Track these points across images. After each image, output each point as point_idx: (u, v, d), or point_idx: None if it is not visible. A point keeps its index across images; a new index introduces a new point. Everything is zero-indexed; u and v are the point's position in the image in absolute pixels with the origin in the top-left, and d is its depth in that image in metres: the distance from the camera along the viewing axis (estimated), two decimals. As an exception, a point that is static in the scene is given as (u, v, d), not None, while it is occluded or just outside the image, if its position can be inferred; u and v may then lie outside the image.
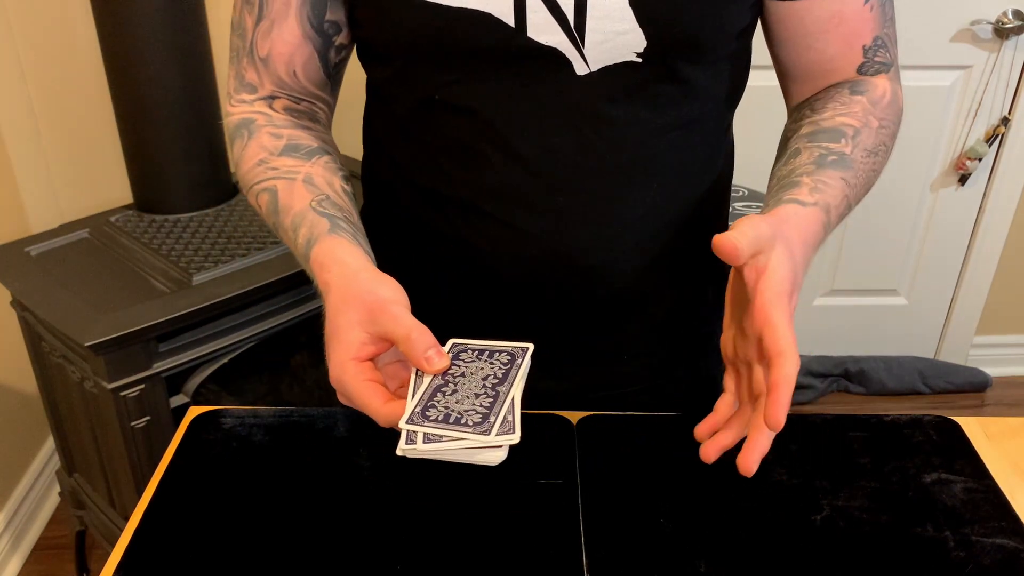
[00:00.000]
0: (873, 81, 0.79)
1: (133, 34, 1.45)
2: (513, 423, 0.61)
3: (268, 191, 0.75)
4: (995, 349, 2.45)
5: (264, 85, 0.80)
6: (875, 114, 0.77)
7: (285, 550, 0.68)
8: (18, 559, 1.83)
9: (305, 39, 0.78)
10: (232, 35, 0.81)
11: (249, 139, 0.79)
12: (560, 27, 0.70)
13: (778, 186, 0.72)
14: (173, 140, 1.55)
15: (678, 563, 0.67)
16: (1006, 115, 2.10)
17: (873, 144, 0.76)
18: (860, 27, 0.77)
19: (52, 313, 1.35)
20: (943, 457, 0.78)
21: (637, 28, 0.70)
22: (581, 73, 0.72)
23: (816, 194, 0.69)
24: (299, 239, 0.72)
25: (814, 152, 0.73)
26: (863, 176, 0.75)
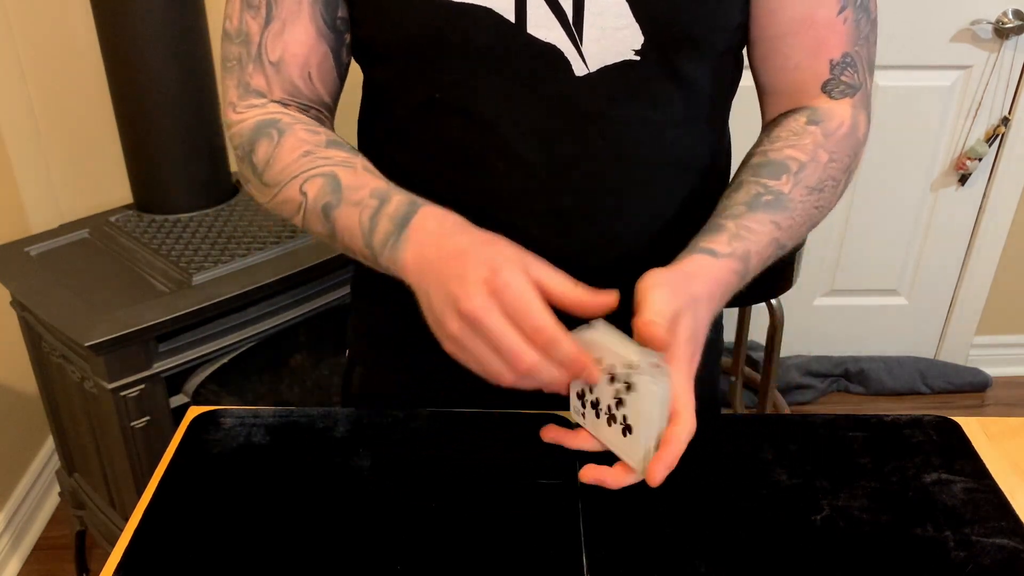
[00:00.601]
0: (832, 110, 0.78)
1: (133, 34, 1.45)
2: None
3: (324, 176, 0.71)
4: (995, 349, 2.45)
5: (273, 92, 0.77)
6: (826, 147, 0.76)
7: (285, 550, 0.68)
8: (18, 559, 1.83)
9: (320, 38, 0.76)
10: (227, 44, 0.78)
11: (281, 137, 0.74)
12: (559, 23, 0.70)
13: (705, 226, 0.72)
14: (173, 140, 1.55)
15: (678, 563, 0.67)
16: (1006, 115, 2.10)
17: (817, 180, 0.75)
18: (829, 37, 0.76)
19: (52, 313, 1.35)
20: (943, 457, 0.78)
21: (634, 24, 0.70)
22: (580, 73, 0.72)
23: (735, 242, 0.69)
24: (391, 204, 0.68)
25: (751, 189, 0.73)
26: (800, 215, 0.74)
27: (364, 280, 0.94)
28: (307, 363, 1.65)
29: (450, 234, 0.65)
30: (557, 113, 0.73)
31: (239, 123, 0.78)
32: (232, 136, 0.79)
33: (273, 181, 0.75)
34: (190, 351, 1.41)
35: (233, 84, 0.78)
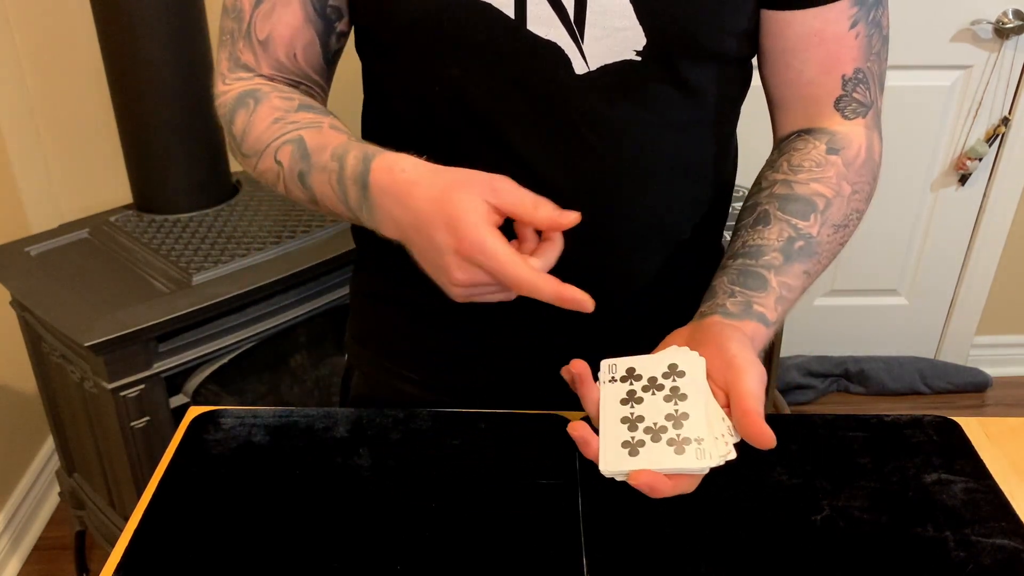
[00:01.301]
0: (849, 135, 0.77)
1: (133, 34, 1.45)
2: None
3: (292, 142, 0.72)
4: (995, 349, 2.44)
5: (261, 67, 0.78)
6: (848, 178, 0.76)
7: (285, 550, 0.68)
8: (18, 559, 1.83)
9: (307, 23, 0.77)
10: (224, 18, 0.79)
11: (256, 105, 0.76)
12: (560, 20, 0.70)
13: (745, 269, 0.71)
14: (173, 140, 1.55)
15: (678, 564, 0.67)
16: (1006, 115, 2.10)
17: (842, 217, 0.75)
18: (840, 52, 0.75)
19: (52, 313, 1.35)
20: (943, 457, 0.78)
21: (637, 25, 0.70)
22: (580, 72, 0.72)
23: (780, 306, 0.70)
24: (347, 162, 0.68)
25: (784, 231, 0.73)
26: (826, 257, 0.75)
27: (362, 282, 0.94)
28: (307, 363, 1.65)
29: (406, 193, 0.64)
30: (555, 111, 0.73)
31: (225, 94, 0.79)
32: (218, 107, 0.80)
33: (251, 151, 0.75)
34: (190, 351, 1.41)
35: (225, 56, 0.80)
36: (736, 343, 0.63)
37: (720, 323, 0.67)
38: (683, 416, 0.61)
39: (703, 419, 0.60)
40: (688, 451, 0.59)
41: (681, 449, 0.59)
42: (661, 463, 0.59)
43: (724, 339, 0.64)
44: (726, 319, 0.67)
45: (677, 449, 0.59)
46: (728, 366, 0.62)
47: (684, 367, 0.64)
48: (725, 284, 0.71)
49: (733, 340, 0.64)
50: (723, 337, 0.64)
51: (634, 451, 0.60)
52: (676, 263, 0.83)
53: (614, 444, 0.61)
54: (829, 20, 0.74)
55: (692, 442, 0.59)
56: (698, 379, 0.63)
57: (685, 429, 0.60)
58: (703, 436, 0.60)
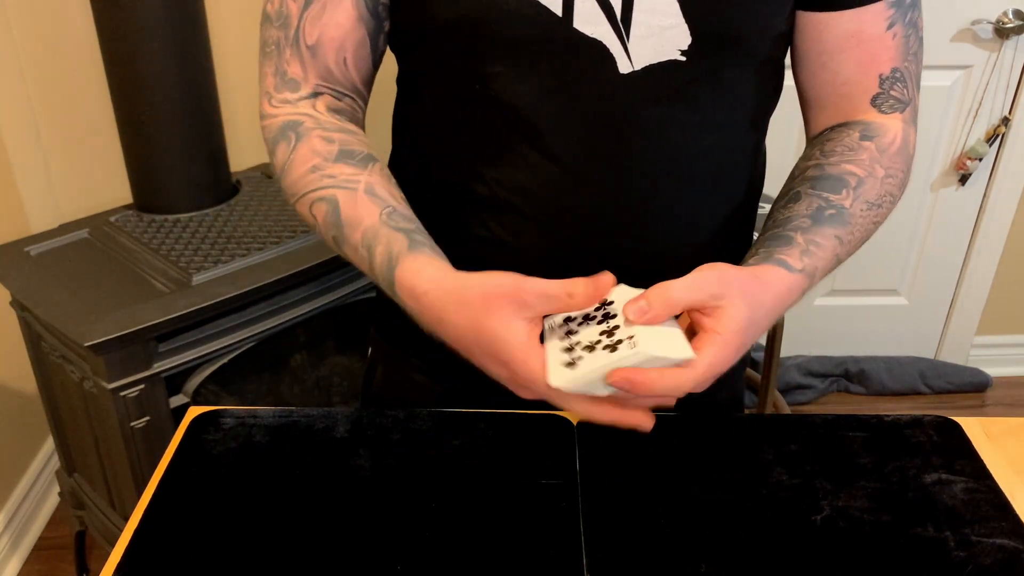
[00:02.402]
0: (885, 124, 0.78)
1: (133, 34, 1.45)
2: None
3: (327, 201, 0.72)
4: (995, 349, 2.44)
5: (309, 79, 0.78)
6: (882, 162, 0.76)
7: (285, 550, 0.68)
8: (18, 559, 1.83)
9: (359, 22, 0.76)
10: (267, 28, 0.78)
11: (297, 142, 0.75)
12: (607, 18, 0.70)
13: (772, 235, 0.72)
14: (173, 140, 1.55)
15: (678, 563, 0.67)
16: (1006, 115, 2.10)
17: (876, 196, 0.75)
18: (878, 52, 0.75)
19: (52, 313, 1.35)
20: (943, 457, 0.78)
21: (683, 23, 0.70)
22: (624, 71, 0.71)
23: (806, 258, 0.69)
24: (376, 259, 0.69)
25: (813, 202, 0.73)
26: (860, 230, 0.74)
27: None
28: (307, 363, 1.65)
29: (438, 319, 0.66)
30: (597, 110, 0.73)
31: (270, 118, 0.79)
32: (263, 129, 0.80)
33: (288, 191, 0.76)
34: (190, 351, 1.41)
35: (271, 71, 0.79)
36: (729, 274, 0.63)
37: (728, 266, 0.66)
38: (615, 328, 0.62)
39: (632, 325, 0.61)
40: (621, 348, 0.60)
41: (614, 348, 0.60)
42: (598, 362, 0.60)
43: (716, 276, 0.64)
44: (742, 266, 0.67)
45: (611, 350, 0.60)
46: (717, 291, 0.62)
47: (615, 298, 0.64)
48: (751, 252, 0.71)
49: (728, 273, 0.63)
50: (719, 277, 0.64)
51: (574, 364, 0.61)
52: (705, 261, 0.83)
53: (558, 364, 0.62)
54: (866, 21, 0.74)
55: (624, 340, 0.60)
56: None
57: (617, 334, 0.61)
58: (634, 333, 0.60)
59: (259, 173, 1.80)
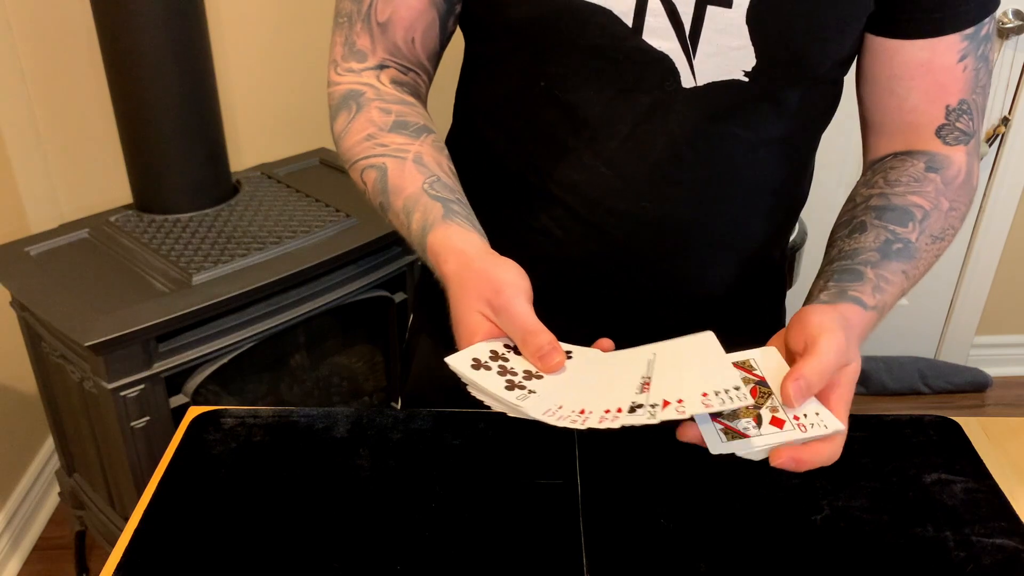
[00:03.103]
0: (950, 157, 0.77)
1: (133, 34, 1.45)
2: None
3: (377, 168, 0.75)
4: (995, 349, 2.44)
5: (376, 52, 0.79)
6: (947, 195, 0.75)
7: (285, 550, 0.68)
8: (18, 559, 1.83)
9: (431, 5, 0.77)
10: (342, 1, 0.80)
11: (357, 112, 0.77)
12: (675, 34, 0.70)
13: (841, 267, 0.71)
14: (173, 140, 1.54)
15: (678, 563, 0.67)
16: (1006, 115, 2.10)
17: (940, 229, 0.75)
18: (948, 83, 0.75)
19: (52, 313, 1.35)
20: (943, 457, 0.78)
21: (749, 45, 0.70)
22: (687, 86, 0.72)
23: (878, 295, 0.69)
24: (413, 224, 0.71)
25: (880, 235, 0.72)
26: (924, 264, 0.74)
27: None
28: (307, 363, 1.65)
29: (447, 287, 0.68)
30: (655, 120, 0.73)
31: (335, 86, 0.81)
32: (328, 95, 0.82)
33: (344, 157, 0.79)
34: (190, 351, 1.41)
35: (340, 41, 0.80)
36: (820, 316, 0.63)
37: (809, 308, 0.66)
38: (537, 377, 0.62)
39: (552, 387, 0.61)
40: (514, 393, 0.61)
41: (512, 389, 0.61)
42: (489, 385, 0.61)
43: (809, 315, 0.63)
44: (819, 305, 0.67)
45: (509, 387, 0.61)
46: (805, 335, 0.62)
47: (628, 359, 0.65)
48: (820, 284, 0.71)
49: (817, 313, 0.63)
50: (808, 314, 0.63)
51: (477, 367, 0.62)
52: (744, 275, 0.84)
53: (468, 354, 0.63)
54: (938, 51, 0.73)
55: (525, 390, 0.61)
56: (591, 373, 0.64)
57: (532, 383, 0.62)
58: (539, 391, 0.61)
59: (259, 173, 1.80)
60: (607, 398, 0.60)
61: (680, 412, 0.57)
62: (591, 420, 0.58)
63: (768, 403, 0.62)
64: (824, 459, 0.60)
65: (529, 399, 0.60)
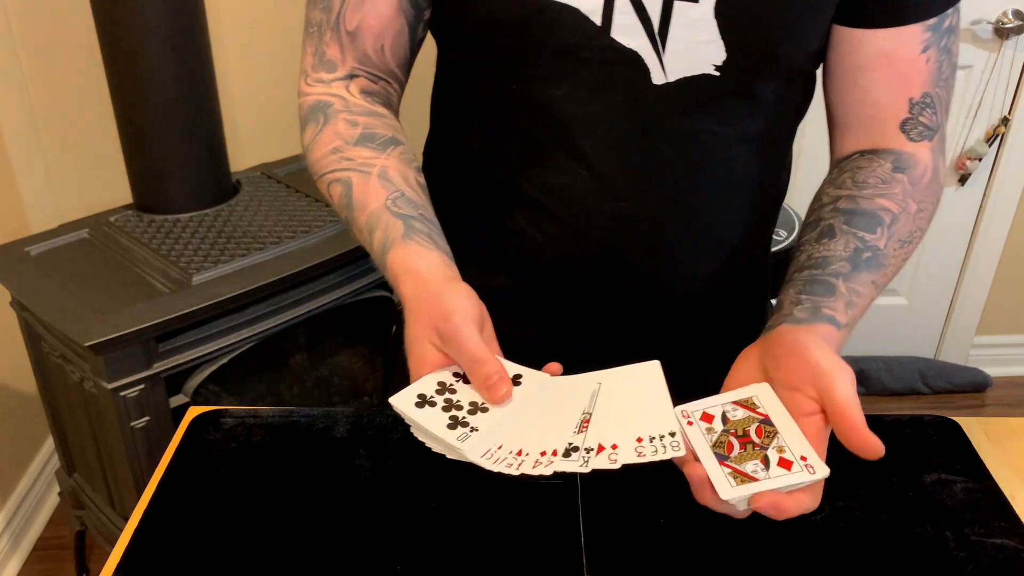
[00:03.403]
0: (916, 155, 0.77)
1: (133, 34, 1.45)
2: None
3: (342, 183, 0.75)
4: (995, 349, 2.44)
5: (346, 62, 0.79)
6: (915, 196, 0.75)
7: (285, 550, 0.68)
8: (18, 559, 1.83)
9: (399, 12, 0.77)
10: (312, 8, 0.79)
11: (325, 124, 0.78)
12: (644, 31, 0.70)
13: (812, 278, 0.71)
14: (173, 140, 1.55)
15: (678, 564, 0.67)
16: (1006, 115, 2.10)
17: (908, 232, 0.75)
18: (910, 75, 0.75)
19: (52, 313, 1.35)
20: (943, 457, 0.78)
21: (719, 40, 0.70)
22: (658, 82, 0.72)
23: (850, 311, 0.69)
24: (374, 242, 0.72)
25: (850, 243, 0.72)
26: (892, 271, 0.74)
27: None
28: (307, 363, 1.65)
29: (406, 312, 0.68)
30: (629, 118, 0.74)
31: (304, 97, 0.81)
32: (298, 106, 0.82)
33: (312, 169, 0.79)
34: (190, 351, 1.41)
35: (311, 51, 0.80)
36: (816, 348, 0.62)
37: (791, 330, 0.66)
38: (483, 410, 0.63)
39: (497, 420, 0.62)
40: (456, 431, 0.61)
41: (454, 427, 0.61)
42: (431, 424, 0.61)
43: (802, 347, 0.63)
44: (796, 325, 0.66)
45: (451, 425, 0.61)
46: (816, 374, 0.61)
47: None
48: (791, 295, 0.70)
49: (812, 345, 0.63)
50: (800, 345, 0.63)
51: (422, 404, 0.63)
52: (725, 271, 0.84)
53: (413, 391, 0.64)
54: (901, 42, 0.73)
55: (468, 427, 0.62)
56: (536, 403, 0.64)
57: (476, 418, 0.62)
58: (481, 428, 0.61)
59: (259, 173, 1.80)
60: (545, 438, 0.61)
61: (612, 461, 0.58)
62: (525, 465, 0.59)
63: (774, 443, 0.61)
64: (805, 508, 0.59)
65: (470, 439, 0.60)
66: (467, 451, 0.60)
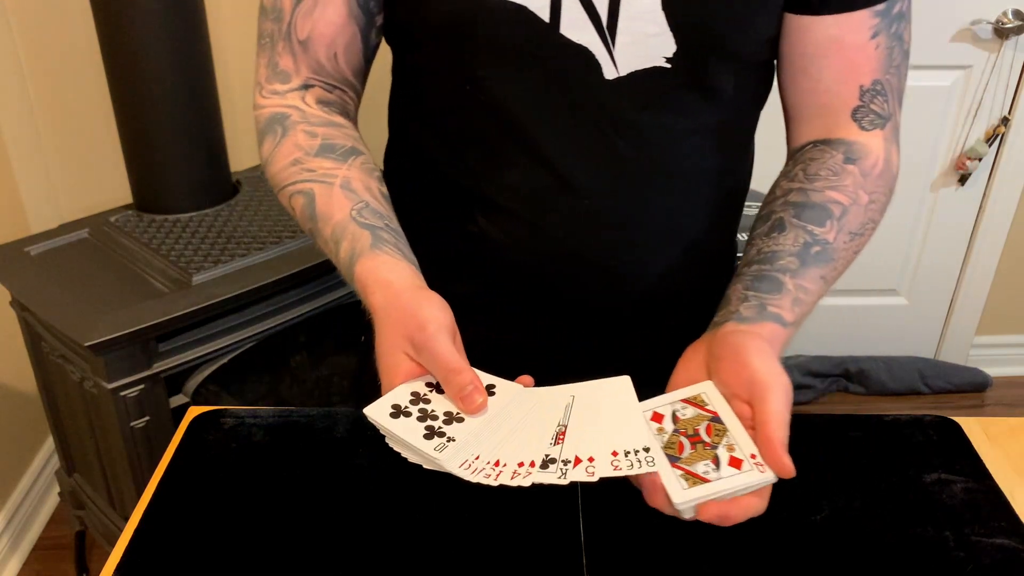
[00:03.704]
0: (867, 145, 0.77)
1: (133, 34, 1.45)
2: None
3: (304, 194, 0.74)
4: (995, 349, 2.44)
5: (300, 72, 0.78)
6: (865, 187, 0.75)
7: (285, 550, 0.68)
8: (18, 559, 1.83)
9: (350, 19, 0.76)
10: (263, 20, 0.79)
11: (283, 137, 0.77)
12: (593, 26, 0.70)
13: (759, 274, 0.71)
14: (173, 140, 1.55)
15: (678, 563, 0.67)
16: (1006, 115, 2.10)
17: (859, 224, 0.75)
18: (860, 62, 0.75)
19: (52, 313, 1.35)
20: (943, 457, 0.78)
21: (668, 31, 0.70)
22: (610, 77, 0.72)
23: (796, 308, 0.69)
24: (341, 253, 0.71)
25: (799, 237, 0.72)
26: (842, 264, 0.74)
27: None
28: (307, 363, 1.65)
29: (373, 318, 0.68)
30: (584, 114, 0.73)
31: (260, 109, 0.80)
32: (255, 119, 0.81)
33: (272, 182, 0.78)
34: (190, 351, 1.41)
35: (264, 62, 0.80)
36: (756, 354, 0.62)
37: (736, 331, 0.66)
38: (458, 419, 0.62)
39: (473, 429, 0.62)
40: (432, 441, 0.61)
41: (431, 436, 0.61)
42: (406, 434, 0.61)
43: (743, 351, 0.63)
44: (741, 324, 0.67)
45: (428, 435, 0.61)
46: (752, 382, 0.61)
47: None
48: (739, 291, 0.71)
49: (752, 351, 0.63)
50: (742, 349, 0.63)
51: (396, 415, 0.62)
52: (690, 265, 0.83)
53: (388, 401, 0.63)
54: (849, 28, 0.74)
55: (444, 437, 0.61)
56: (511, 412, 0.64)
57: (452, 428, 0.62)
58: (458, 438, 0.61)
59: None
60: (523, 448, 0.61)
61: (589, 474, 0.57)
62: (503, 476, 0.58)
63: (723, 441, 0.61)
64: (753, 512, 0.59)
65: (447, 449, 0.60)
66: (444, 461, 0.59)
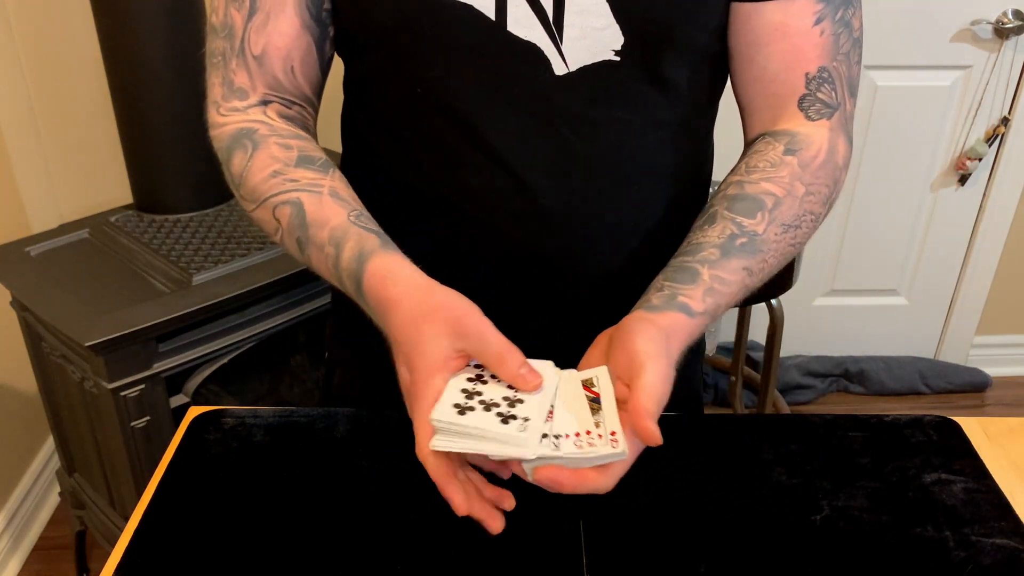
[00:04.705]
0: (810, 135, 0.76)
1: (133, 34, 1.45)
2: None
3: (291, 204, 0.72)
4: (995, 349, 2.44)
5: (256, 88, 0.77)
6: (803, 179, 0.74)
7: (285, 550, 0.68)
8: (18, 559, 1.83)
9: (304, 30, 0.75)
10: (213, 39, 0.77)
11: (255, 150, 0.75)
12: (539, 22, 0.70)
13: (679, 265, 0.70)
14: (173, 140, 1.55)
15: (678, 563, 0.67)
16: (1006, 115, 2.10)
17: (793, 217, 0.73)
18: (805, 48, 0.74)
19: (52, 313, 1.35)
20: (943, 457, 0.78)
21: (614, 24, 0.70)
22: (560, 73, 0.71)
23: (709, 298, 0.68)
24: (344, 253, 0.69)
25: (726, 229, 0.71)
26: (774, 256, 0.73)
27: None
28: (307, 363, 1.65)
29: (388, 311, 0.66)
30: (536, 112, 0.73)
31: (220, 127, 0.78)
32: (213, 139, 0.79)
33: (248, 197, 0.75)
34: (190, 351, 1.41)
35: (218, 81, 0.78)
36: (643, 338, 0.62)
37: (636, 318, 0.65)
38: (518, 400, 0.61)
39: (535, 406, 0.61)
40: (512, 425, 0.59)
41: (507, 421, 0.59)
42: (484, 424, 0.59)
43: (632, 335, 0.63)
44: (647, 312, 0.66)
45: (503, 420, 0.59)
46: (630, 361, 0.61)
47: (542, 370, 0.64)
48: (658, 281, 0.70)
49: (640, 335, 0.62)
50: (632, 333, 0.63)
51: (463, 411, 0.60)
52: (652, 261, 0.83)
53: (447, 402, 0.61)
54: (792, 14, 0.73)
55: (519, 419, 0.59)
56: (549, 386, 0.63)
57: (518, 409, 0.60)
58: (530, 416, 0.59)
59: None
60: (574, 420, 0.61)
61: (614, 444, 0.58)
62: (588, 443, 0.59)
63: (593, 419, 0.61)
64: (591, 487, 0.59)
65: (528, 428, 0.59)
66: (529, 440, 0.58)
